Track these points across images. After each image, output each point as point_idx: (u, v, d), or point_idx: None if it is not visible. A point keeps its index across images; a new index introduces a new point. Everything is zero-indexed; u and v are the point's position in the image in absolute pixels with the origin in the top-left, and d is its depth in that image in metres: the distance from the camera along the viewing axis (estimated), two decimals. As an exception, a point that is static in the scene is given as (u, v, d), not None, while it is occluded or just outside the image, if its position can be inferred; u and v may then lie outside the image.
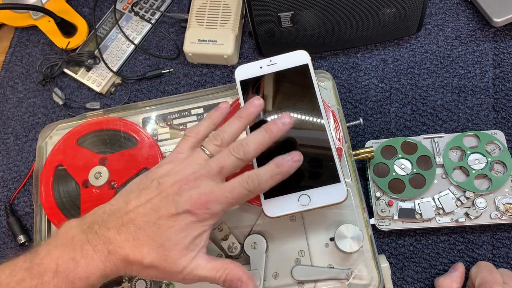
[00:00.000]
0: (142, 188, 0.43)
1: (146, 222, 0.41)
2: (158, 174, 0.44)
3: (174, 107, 0.60)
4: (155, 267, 0.40)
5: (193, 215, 0.41)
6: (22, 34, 0.76)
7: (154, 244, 0.40)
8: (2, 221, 0.66)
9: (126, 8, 0.74)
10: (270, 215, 0.44)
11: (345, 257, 0.50)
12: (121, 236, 0.40)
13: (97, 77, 0.71)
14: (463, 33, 0.68)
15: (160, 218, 0.41)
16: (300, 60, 0.50)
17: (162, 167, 0.44)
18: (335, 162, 0.45)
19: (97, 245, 0.40)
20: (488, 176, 0.57)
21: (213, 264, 0.42)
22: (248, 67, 0.50)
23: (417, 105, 0.65)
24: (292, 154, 0.42)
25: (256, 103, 0.46)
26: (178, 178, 0.42)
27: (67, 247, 0.40)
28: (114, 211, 0.42)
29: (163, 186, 0.42)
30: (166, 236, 0.40)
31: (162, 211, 0.41)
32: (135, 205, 0.42)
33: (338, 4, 0.60)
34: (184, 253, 0.41)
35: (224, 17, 0.68)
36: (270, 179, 0.42)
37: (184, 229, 0.41)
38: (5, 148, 0.69)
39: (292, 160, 0.42)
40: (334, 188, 0.44)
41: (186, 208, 0.40)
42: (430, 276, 0.58)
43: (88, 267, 0.39)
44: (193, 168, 0.43)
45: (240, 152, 0.42)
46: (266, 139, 0.43)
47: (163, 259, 0.40)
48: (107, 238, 0.40)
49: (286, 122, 0.43)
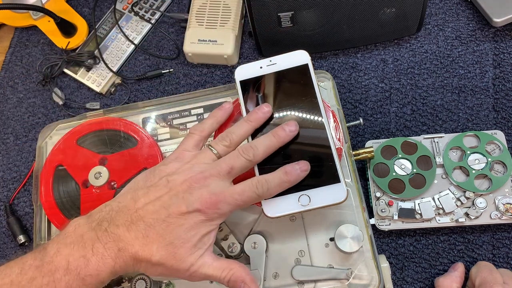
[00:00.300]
0: (150, 185, 0.43)
1: (156, 220, 0.41)
2: (166, 172, 0.44)
3: (174, 107, 0.60)
4: (162, 264, 0.41)
5: (203, 214, 0.41)
6: (22, 34, 0.76)
7: (164, 241, 0.41)
8: (2, 221, 0.66)
9: (126, 8, 0.74)
10: (270, 215, 0.44)
11: (345, 257, 0.50)
12: (131, 233, 0.41)
13: (97, 77, 0.71)
14: (463, 33, 0.68)
15: (170, 216, 0.41)
16: (300, 60, 0.50)
17: (169, 165, 0.44)
18: (335, 162, 0.45)
19: (107, 242, 0.40)
20: (488, 176, 0.57)
21: (219, 264, 0.43)
22: (248, 67, 0.51)
23: (417, 105, 0.65)
24: (300, 163, 0.44)
25: (265, 110, 0.47)
26: (187, 176, 0.43)
27: (76, 244, 0.41)
28: (122, 208, 0.42)
29: (172, 184, 0.42)
30: (175, 234, 0.41)
31: (172, 209, 0.41)
32: (144, 202, 0.42)
33: (338, 4, 0.60)
34: (192, 251, 0.41)
35: (224, 17, 0.68)
36: (278, 186, 0.43)
37: (193, 228, 0.41)
38: (5, 148, 0.69)
39: (301, 170, 0.44)
40: (334, 188, 0.44)
41: (197, 207, 0.41)
42: (430, 276, 0.58)
43: (98, 265, 0.40)
44: (201, 167, 0.43)
45: (250, 154, 0.44)
46: (274, 143, 0.45)
47: (172, 256, 0.41)
48: (117, 235, 0.41)
49: (292, 129, 0.45)
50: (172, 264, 0.41)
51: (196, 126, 0.48)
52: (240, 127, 0.46)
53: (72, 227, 0.42)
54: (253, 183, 0.43)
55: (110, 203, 0.44)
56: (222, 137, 0.46)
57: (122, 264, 0.41)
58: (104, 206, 0.44)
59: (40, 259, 0.40)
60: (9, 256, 0.64)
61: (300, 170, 0.43)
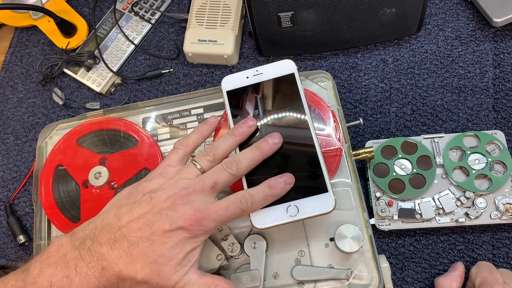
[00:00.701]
0: (133, 202, 0.43)
1: (140, 238, 0.40)
2: (149, 188, 0.43)
3: (174, 107, 0.60)
4: (147, 282, 0.40)
5: (187, 231, 0.41)
6: (22, 34, 0.76)
7: (148, 260, 0.40)
8: (2, 221, 0.66)
9: (126, 8, 0.74)
10: (259, 227, 0.44)
11: (345, 257, 0.50)
12: (114, 252, 0.40)
13: (97, 77, 0.71)
14: (463, 33, 0.68)
15: (154, 234, 0.40)
16: (287, 69, 0.50)
17: (152, 181, 0.44)
18: (322, 173, 0.45)
19: (90, 261, 0.40)
20: (488, 176, 0.57)
21: (204, 280, 0.42)
22: (235, 77, 0.50)
23: (417, 105, 0.65)
24: (284, 176, 0.44)
25: (250, 123, 0.47)
26: (171, 192, 0.42)
27: (59, 264, 0.40)
28: (106, 226, 0.42)
29: (156, 201, 0.42)
30: (159, 252, 0.40)
31: (155, 226, 0.41)
32: (127, 220, 0.42)
33: (338, 4, 0.60)
34: (177, 269, 0.41)
35: (224, 17, 0.68)
36: (262, 200, 0.43)
37: (177, 245, 0.41)
38: (5, 148, 0.69)
39: (285, 183, 0.43)
40: (323, 198, 0.44)
41: (181, 224, 0.41)
42: (430, 276, 0.58)
43: (82, 284, 0.39)
44: (185, 183, 0.43)
45: (233, 168, 0.43)
46: (257, 156, 0.44)
47: (156, 274, 0.40)
48: (101, 254, 0.40)
49: (276, 141, 0.45)
50: (158, 282, 0.40)
51: (181, 141, 0.47)
52: (225, 141, 0.46)
53: (55, 246, 0.42)
54: (237, 198, 0.42)
55: (93, 221, 0.43)
56: (206, 151, 0.45)
57: (106, 283, 0.40)
58: (87, 223, 0.43)
59: (22, 280, 0.40)
60: (9, 256, 0.64)
61: (284, 183, 0.43)
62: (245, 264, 0.51)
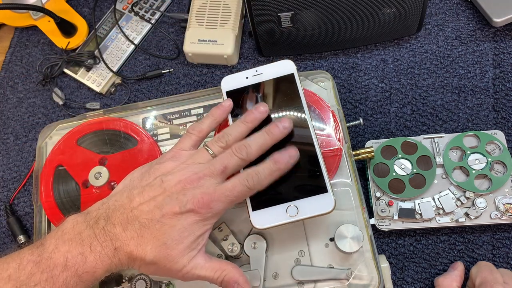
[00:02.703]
0: (145, 184, 0.44)
1: (150, 220, 0.41)
2: (160, 171, 0.44)
3: (174, 107, 0.60)
4: (156, 263, 0.41)
5: (196, 214, 0.42)
6: (22, 34, 0.76)
7: (157, 242, 0.41)
8: (2, 221, 0.66)
9: (126, 8, 0.74)
10: (259, 227, 0.45)
11: (345, 257, 0.50)
12: (126, 233, 0.41)
13: (97, 77, 0.71)
14: (463, 33, 0.68)
15: (164, 217, 0.41)
16: (286, 69, 0.50)
17: (165, 164, 0.45)
18: (322, 173, 0.45)
19: (104, 241, 0.41)
20: (488, 176, 0.57)
21: (212, 264, 0.43)
22: (234, 77, 0.51)
23: (417, 105, 0.65)
24: (288, 149, 0.44)
25: (262, 109, 0.47)
26: (182, 177, 0.43)
27: (75, 242, 0.41)
28: (118, 207, 0.43)
29: (167, 185, 0.43)
30: (169, 234, 0.41)
31: (165, 209, 0.41)
32: (139, 202, 0.42)
33: (338, 4, 0.60)
34: (185, 252, 0.42)
35: (224, 17, 0.68)
36: (268, 176, 0.43)
37: (187, 228, 0.41)
38: (5, 148, 0.69)
39: (289, 155, 0.44)
40: (322, 199, 0.44)
41: (190, 207, 0.41)
42: (430, 276, 0.58)
43: (96, 262, 0.40)
44: (196, 168, 0.44)
45: (243, 153, 0.44)
46: (268, 141, 0.45)
47: (165, 257, 0.41)
48: (114, 234, 0.41)
49: (286, 126, 0.45)
50: (165, 265, 0.41)
51: (194, 126, 0.48)
52: (236, 128, 0.46)
53: (70, 223, 0.42)
54: (243, 177, 0.43)
55: (106, 201, 0.44)
56: (218, 137, 0.46)
57: (118, 262, 0.41)
58: (101, 203, 0.44)
59: (38, 255, 0.41)
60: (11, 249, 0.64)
61: (289, 156, 0.43)
62: (245, 264, 0.51)
